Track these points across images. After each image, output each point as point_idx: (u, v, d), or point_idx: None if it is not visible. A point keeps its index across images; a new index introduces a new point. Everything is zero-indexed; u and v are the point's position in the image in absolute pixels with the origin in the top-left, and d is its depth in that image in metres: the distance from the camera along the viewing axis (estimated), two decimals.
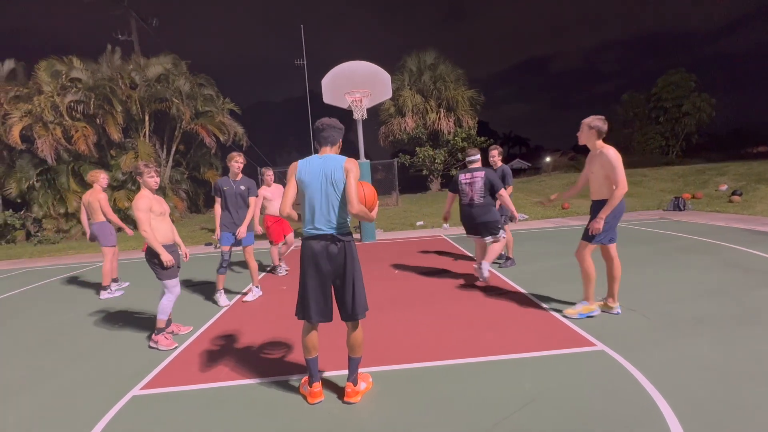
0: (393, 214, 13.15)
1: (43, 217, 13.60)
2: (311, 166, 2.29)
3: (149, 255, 3.37)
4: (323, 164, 2.28)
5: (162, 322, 3.43)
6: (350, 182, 2.23)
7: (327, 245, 2.26)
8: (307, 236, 2.31)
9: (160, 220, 3.42)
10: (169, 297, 3.46)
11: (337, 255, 2.27)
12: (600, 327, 3.20)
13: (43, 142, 13.08)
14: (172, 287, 3.45)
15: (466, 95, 20.56)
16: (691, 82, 26.67)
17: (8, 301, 5.61)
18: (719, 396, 2.18)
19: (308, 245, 2.29)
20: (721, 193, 12.37)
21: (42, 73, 13.76)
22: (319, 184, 2.26)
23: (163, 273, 3.37)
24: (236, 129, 18.28)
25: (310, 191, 2.27)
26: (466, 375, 2.60)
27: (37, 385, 2.89)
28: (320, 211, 2.26)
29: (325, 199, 2.25)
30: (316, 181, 2.26)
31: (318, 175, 2.26)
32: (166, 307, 3.44)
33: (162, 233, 3.40)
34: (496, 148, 5.47)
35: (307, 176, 2.28)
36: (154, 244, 3.27)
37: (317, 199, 2.26)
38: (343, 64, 8.67)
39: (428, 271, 5.55)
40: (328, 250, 2.26)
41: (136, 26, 20.87)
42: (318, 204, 2.27)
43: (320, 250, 2.26)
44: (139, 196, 3.33)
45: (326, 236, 2.27)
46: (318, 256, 2.26)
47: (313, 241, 2.28)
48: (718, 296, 3.76)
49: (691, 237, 6.70)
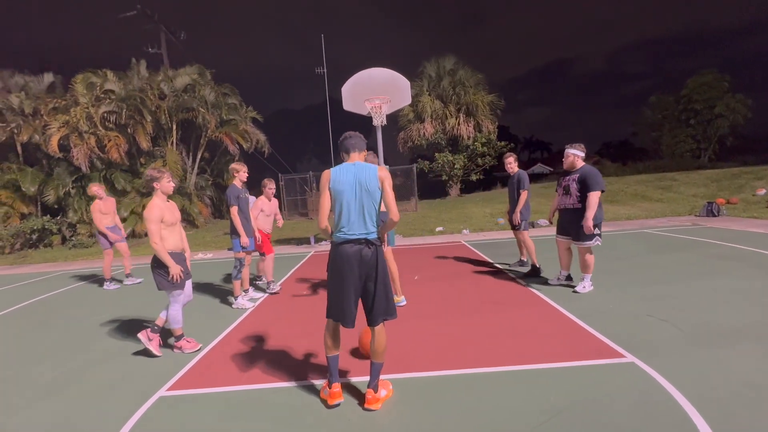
0: (412, 219, 13.11)
1: (78, 222, 14.25)
2: (344, 174, 2.34)
3: (155, 264, 3.29)
4: (356, 172, 2.33)
5: (178, 330, 3.40)
6: (388, 191, 2.33)
7: (361, 249, 2.31)
8: (340, 241, 2.35)
9: (171, 229, 3.32)
10: (175, 307, 3.36)
11: (370, 259, 2.31)
12: (629, 338, 3.07)
13: (78, 151, 13.77)
14: (177, 296, 3.36)
15: (486, 100, 20.35)
16: (725, 83, 25.56)
17: (46, 302, 5.90)
18: (760, 413, 2.05)
19: (342, 249, 2.33)
20: (758, 198, 11.74)
21: (78, 86, 14.52)
22: (354, 192, 2.31)
23: (166, 284, 3.27)
24: (258, 137, 18.73)
25: (345, 198, 2.32)
26: (488, 385, 2.54)
27: (69, 385, 3.02)
28: (355, 217, 2.32)
29: (360, 206, 2.31)
30: (350, 188, 2.32)
31: (352, 183, 2.32)
32: (176, 317, 3.37)
33: (172, 242, 3.31)
34: (512, 155, 5.57)
35: (340, 185, 2.33)
36: (164, 256, 3.18)
37: (352, 205, 2.32)
38: (362, 71, 8.75)
39: (448, 278, 5.49)
40: (362, 254, 2.31)
41: (165, 39, 21.80)
42: (353, 210, 2.32)
43: (354, 254, 2.31)
44: (152, 205, 3.21)
45: (360, 241, 2.31)
46: (352, 259, 2.30)
47: (347, 246, 2.33)
48: (757, 307, 3.55)
49: (727, 244, 6.38)
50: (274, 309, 4.61)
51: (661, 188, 14.71)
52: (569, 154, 4.32)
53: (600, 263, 5.59)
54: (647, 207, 12.15)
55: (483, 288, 4.85)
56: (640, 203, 12.85)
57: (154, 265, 3.30)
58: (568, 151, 4.33)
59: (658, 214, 10.79)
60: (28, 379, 3.17)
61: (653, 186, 15.04)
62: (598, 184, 4.11)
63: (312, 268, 6.86)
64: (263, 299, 5.01)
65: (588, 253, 4.29)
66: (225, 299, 5.14)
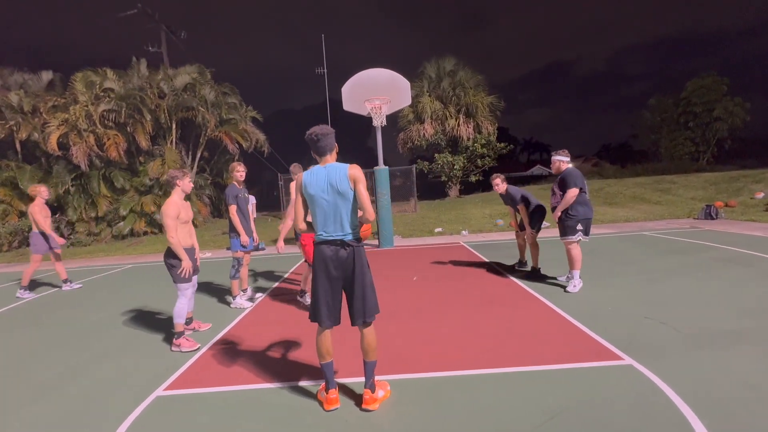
0: (411, 220, 13.11)
1: (77, 221, 14.22)
2: (316, 177, 2.33)
3: (168, 258, 3.49)
4: (328, 174, 2.32)
5: (180, 326, 3.51)
6: (361, 191, 2.31)
7: (337, 250, 2.32)
8: (319, 241, 2.38)
9: (183, 226, 3.54)
10: (182, 301, 3.54)
11: (347, 259, 2.32)
12: (628, 340, 3.07)
13: (77, 149, 13.74)
14: (185, 290, 3.55)
15: (486, 101, 20.37)
16: (723, 85, 25.62)
17: (42, 301, 5.88)
18: (759, 416, 2.05)
19: (320, 250, 2.36)
20: (757, 201, 11.77)
21: (78, 84, 14.49)
22: (327, 195, 2.30)
23: (176, 276, 3.49)
24: (258, 136, 18.72)
25: (319, 202, 2.32)
26: (486, 386, 2.54)
27: (67, 384, 3.00)
28: (330, 218, 2.33)
29: (334, 208, 2.31)
30: (323, 191, 2.31)
31: (324, 186, 2.31)
32: (181, 311, 3.53)
33: (183, 239, 3.51)
34: (498, 176, 5.56)
35: (313, 189, 2.32)
36: (179, 251, 3.40)
37: (327, 208, 2.32)
38: (362, 71, 8.76)
39: (447, 279, 5.49)
40: (338, 254, 2.32)
41: (165, 38, 21.79)
42: (328, 213, 2.32)
43: (331, 254, 2.32)
44: (170, 202, 3.43)
45: (336, 241, 2.32)
46: (328, 260, 2.32)
47: (324, 246, 2.34)
48: (757, 310, 3.55)
49: (725, 247, 6.39)
50: (272, 309, 4.60)
51: (660, 191, 14.74)
52: (555, 161, 4.69)
53: (598, 265, 5.60)
54: (646, 209, 12.18)
55: (482, 289, 4.85)
56: (638, 205, 12.87)
57: (167, 261, 3.50)
58: (554, 158, 4.71)
59: (657, 217, 10.81)
60: (24, 377, 3.16)
61: (652, 188, 15.07)
62: (574, 182, 4.41)
63: None
64: (261, 299, 5.00)
65: (572, 249, 4.49)
66: (223, 299, 5.13)
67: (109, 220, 14.38)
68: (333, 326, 2.38)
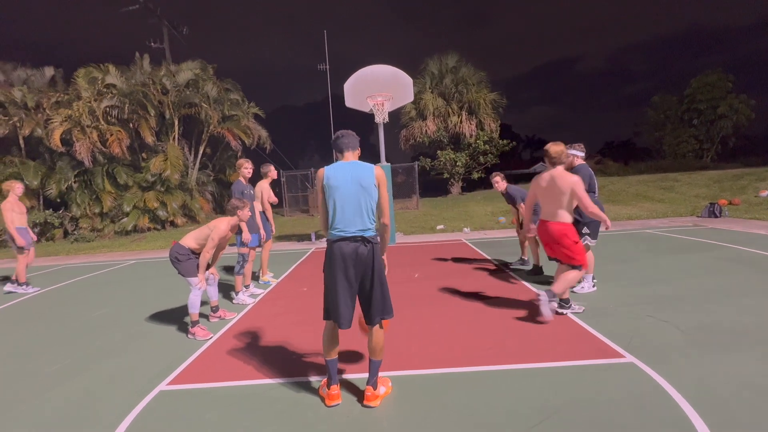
0: (413, 217, 13.11)
1: (80, 217, 14.29)
2: (340, 171, 2.32)
3: (177, 253, 3.59)
4: (352, 169, 2.31)
5: (194, 315, 3.66)
6: (384, 193, 2.33)
7: (357, 247, 2.28)
8: (335, 239, 2.31)
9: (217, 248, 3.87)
10: (195, 293, 3.67)
11: (366, 257, 2.28)
12: (629, 338, 3.07)
13: (80, 145, 13.78)
14: (196, 284, 3.68)
15: (489, 98, 20.30)
16: (728, 83, 25.42)
17: (46, 296, 5.92)
18: (760, 415, 2.05)
19: (338, 247, 2.29)
20: (761, 199, 11.70)
21: (81, 80, 14.51)
22: (351, 189, 2.28)
23: (192, 273, 3.66)
24: (260, 132, 18.72)
25: (341, 195, 2.29)
26: (486, 383, 2.55)
27: (69, 378, 3.03)
28: (352, 214, 2.29)
29: (357, 204, 2.29)
30: (346, 185, 2.29)
31: (349, 180, 2.29)
32: (195, 302, 3.65)
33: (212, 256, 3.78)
34: (498, 174, 5.62)
35: (336, 181, 2.30)
36: (203, 265, 3.65)
37: (349, 203, 2.29)
38: (365, 68, 8.74)
39: (449, 276, 5.49)
40: (358, 251, 2.28)
41: (168, 34, 21.76)
42: (349, 208, 2.29)
43: (350, 252, 2.27)
44: (226, 227, 3.66)
45: (356, 238, 2.28)
46: (347, 258, 2.27)
47: (342, 243, 2.29)
48: (758, 308, 3.55)
49: (729, 245, 6.36)
50: (274, 305, 4.62)
51: (663, 188, 14.67)
52: (569, 155, 4.36)
53: (601, 263, 5.59)
54: (649, 207, 12.13)
55: (483, 286, 4.85)
56: (641, 203, 12.81)
57: (174, 257, 3.67)
58: (568, 151, 4.36)
59: (660, 215, 10.77)
60: (28, 372, 3.19)
61: (655, 186, 15.00)
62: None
63: (312, 265, 6.87)
64: (264, 295, 5.02)
65: None
66: (226, 294, 5.15)
67: (112, 216, 14.44)
68: (349, 327, 2.34)
